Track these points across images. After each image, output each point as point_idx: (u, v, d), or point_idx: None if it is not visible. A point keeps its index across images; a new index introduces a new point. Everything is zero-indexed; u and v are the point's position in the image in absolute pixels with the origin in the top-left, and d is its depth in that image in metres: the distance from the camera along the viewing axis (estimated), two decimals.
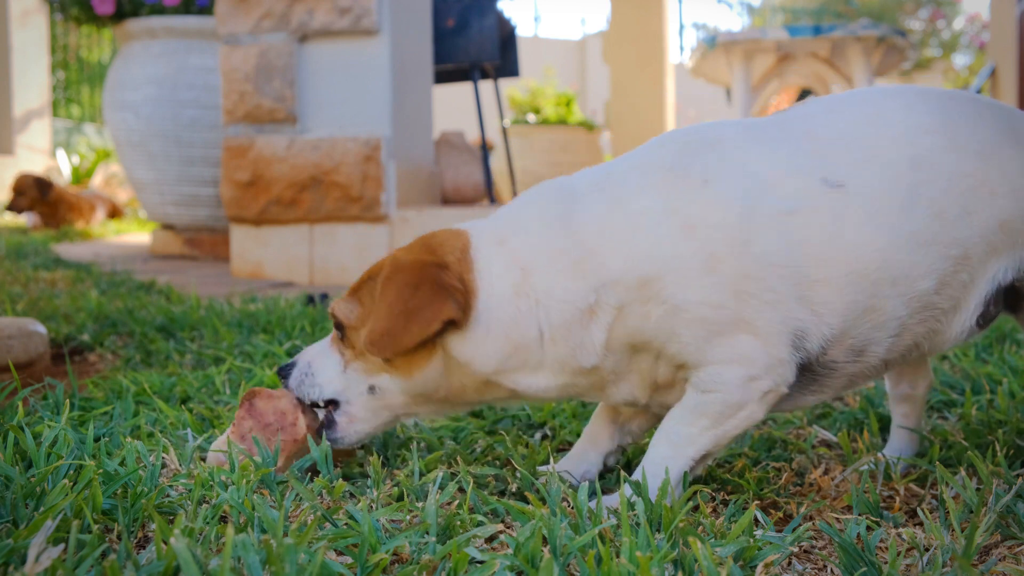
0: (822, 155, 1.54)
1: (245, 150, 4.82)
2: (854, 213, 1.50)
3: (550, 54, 18.12)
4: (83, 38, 14.35)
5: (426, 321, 1.50)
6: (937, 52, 16.13)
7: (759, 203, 1.49)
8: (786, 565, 1.34)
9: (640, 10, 11.82)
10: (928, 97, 1.61)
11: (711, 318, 1.47)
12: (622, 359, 1.54)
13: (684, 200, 1.49)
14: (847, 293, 1.49)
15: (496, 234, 1.58)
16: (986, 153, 1.56)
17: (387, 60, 4.70)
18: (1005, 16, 8.36)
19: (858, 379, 1.62)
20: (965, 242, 1.53)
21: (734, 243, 1.46)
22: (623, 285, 1.48)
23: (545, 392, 1.59)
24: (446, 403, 1.65)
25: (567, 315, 1.51)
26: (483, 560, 1.23)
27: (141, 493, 1.45)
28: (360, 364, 1.63)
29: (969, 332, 1.62)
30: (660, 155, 1.57)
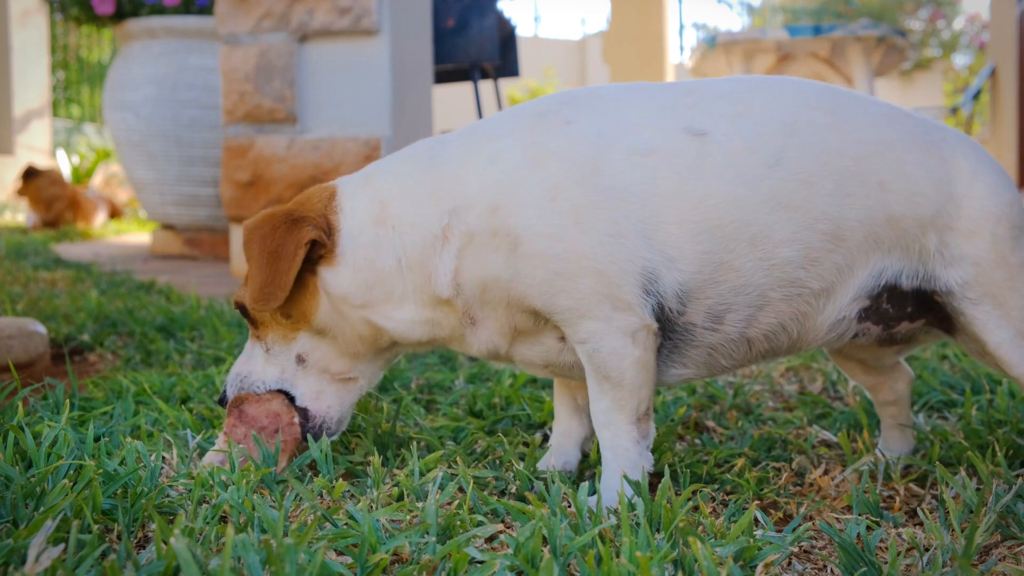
0: (695, 108, 1.56)
1: (245, 150, 4.83)
2: (713, 161, 1.51)
3: (550, 54, 18.12)
4: (83, 38, 14.35)
5: (290, 253, 1.56)
6: (937, 52, 16.13)
7: (615, 141, 1.52)
8: (786, 565, 1.34)
9: (640, 10, 11.82)
10: (828, 88, 1.63)
11: (550, 252, 1.48)
12: (473, 296, 1.57)
13: (543, 137, 1.54)
14: (701, 241, 1.50)
15: (364, 176, 1.66)
16: (881, 147, 1.55)
17: (387, 60, 4.70)
18: (1005, 16, 8.36)
19: (720, 355, 1.60)
20: (838, 220, 1.53)
21: (580, 174, 1.49)
22: (474, 212, 1.53)
23: (412, 330, 1.63)
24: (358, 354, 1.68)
25: (419, 239, 1.56)
26: (483, 560, 1.23)
27: (141, 493, 1.45)
28: (275, 337, 1.67)
29: (852, 325, 1.60)
30: (538, 104, 1.63)
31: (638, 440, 1.55)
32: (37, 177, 8.34)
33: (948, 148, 1.60)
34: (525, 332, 1.60)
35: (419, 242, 1.57)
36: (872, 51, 7.21)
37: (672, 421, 2.05)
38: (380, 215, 1.59)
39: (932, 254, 1.57)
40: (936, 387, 2.32)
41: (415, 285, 1.59)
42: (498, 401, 2.19)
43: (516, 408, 2.15)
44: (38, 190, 8.34)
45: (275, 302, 1.57)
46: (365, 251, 1.59)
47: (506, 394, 2.21)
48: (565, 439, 1.81)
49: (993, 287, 1.56)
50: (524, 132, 1.56)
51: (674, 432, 1.95)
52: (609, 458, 1.55)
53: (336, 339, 1.66)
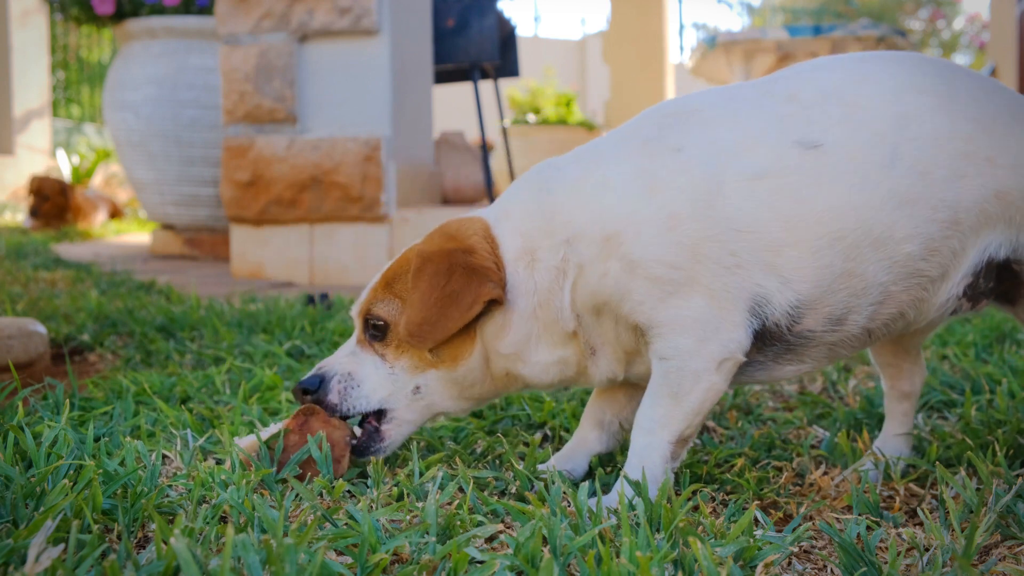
0: (801, 117, 1.53)
1: (245, 150, 4.82)
2: (830, 172, 1.48)
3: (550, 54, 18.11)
4: (83, 38, 14.35)
5: (466, 305, 1.53)
6: (937, 52, 16.13)
7: (727, 167, 1.50)
8: (786, 565, 1.34)
9: (640, 10, 11.82)
10: (927, 62, 1.60)
11: (665, 277, 1.48)
12: (590, 323, 1.56)
13: (654, 165, 1.52)
14: (821, 257, 1.48)
15: (502, 211, 1.63)
16: (985, 122, 1.53)
17: (387, 60, 4.70)
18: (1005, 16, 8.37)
19: (840, 349, 1.60)
20: (955, 205, 1.50)
21: (696, 205, 1.47)
22: (586, 240, 1.52)
23: (546, 372, 1.61)
24: (475, 396, 1.67)
25: (546, 276, 1.55)
26: (483, 560, 1.23)
27: (141, 493, 1.45)
28: (406, 363, 1.63)
29: (954, 303, 1.58)
30: (639, 128, 1.60)
31: (668, 460, 1.54)
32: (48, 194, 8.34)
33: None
34: (632, 352, 1.59)
35: (547, 279, 1.55)
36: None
37: None
38: (523, 256, 1.57)
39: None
40: (936, 387, 2.32)
41: (544, 324, 1.57)
42: (498, 401, 2.19)
43: (516, 408, 2.15)
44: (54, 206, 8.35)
45: (429, 344, 1.56)
46: (520, 296, 1.57)
47: (506, 394, 2.21)
48: (578, 447, 1.79)
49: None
50: (631, 160, 1.54)
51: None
52: (634, 464, 1.54)
53: (468, 384, 1.63)
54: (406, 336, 1.56)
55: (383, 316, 1.63)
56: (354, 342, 1.68)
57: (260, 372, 2.36)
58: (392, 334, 1.63)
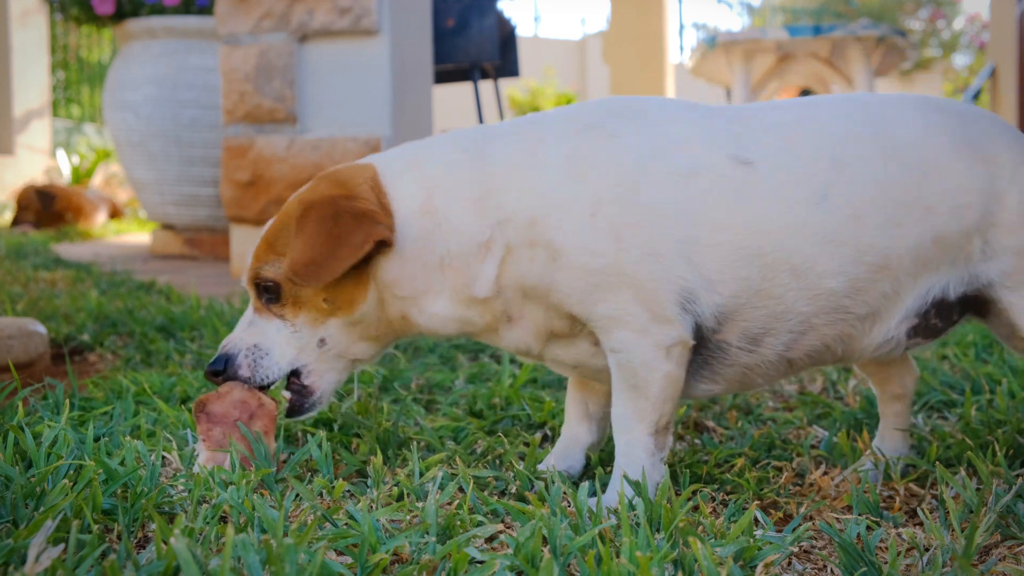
0: (743, 137, 1.55)
1: (245, 150, 4.82)
2: (757, 191, 1.51)
3: (550, 54, 18.11)
4: (83, 38, 14.35)
5: (356, 245, 1.52)
6: (937, 52, 16.13)
7: (658, 160, 1.51)
8: (786, 565, 1.34)
9: (640, 10, 11.82)
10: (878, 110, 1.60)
11: (589, 266, 1.48)
12: (514, 300, 1.57)
13: (587, 150, 1.53)
14: (739, 267, 1.50)
15: (407, 160, 1.63)
16: (928, 170, 1.54)
17: (387, 60, 4.70)
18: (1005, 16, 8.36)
19: (755, 374, 1.60)
20: (886, 251, 1.52)
21: (622, 191, 1.49)
22: (514, 224, 1.53)
23: (444, 325, 1.62)
24: (379, 341, 1.68)
25: (464, 246, 1.56)
26: (483, 560, 1.23)
27: (141, 493, 1.45)
28: (305, 317, 1.63)
29: (900, 342, 1.60)
30: (585, 113, 1.61)
31: (653, 452, 1.54)
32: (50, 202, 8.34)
33: (988, 143, 1.58)
34: (560, 335, 1.61)
35: (463, 247, 1.56)
36: (872, 51, 7.21)
37: None
38: (427, 206, 1.58)
39: (975, 256, 1.57)
40: (936, 387, 2.32)
41: (453, 284, 1.58)
42: (498, 401, 2.19)
43: (516, 408, 2.15)
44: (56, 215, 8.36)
45: (316, 282, 1.54)
46: (413, 243, 1.58)
47: (506, 394, 2.21)
48: (571, 443, 1.81)
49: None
50: (568, 143, 1.55)
51: (674, 432, 1.95)
52: (622, 463, 1.55)
53: (367, 326, 1.64)
54: (291, 273, 1.54)
55: (272, 277, 1.63)
56: (251, 312, 1.68)
57: None
58: (288, 291, 1.63)
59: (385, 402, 2.18)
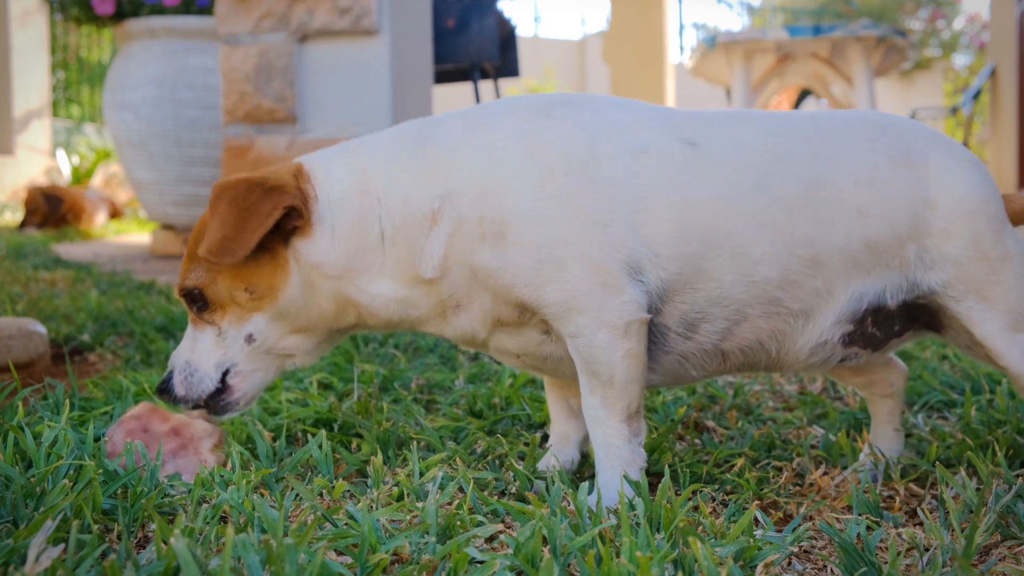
0: (687, 126, 1.59)
1: (245, 150, 4.82)
2: (704, 170, 1.54)
3: (550, 54, 18.11)
4: (83, 38, 14.34)
5: (264, 213, 1.52)
6: (937, 52, 16.13)
7: (609, 137, 1.54)
8: (786, 565, 1.34)
9: (640, 10, 11.82)
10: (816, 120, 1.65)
11: (535, 240, 1.49)
12: (461, 282, 1.57)
13: (539, 129, 1.55)
14: (685, 243, 1.51)
15: (343, 149, 1.65)
16: (860, 177, 1.58)
17: (387, 60, 4.70)
18: (1005, 16, 8.36)
19: (690, 364, 1.61)
20: (817, 245, 1.55)
21: (574, 163, 1.51)
22: (465, 197, 1.53)
23: (386, 307, 1.60)
24: (312, 333, 1.66)
25: (408, 216, 1.56)
26: (483, 560, 1.23)
27: (141, 493, 1.45)
28: (231, 317, 1.63)
29: (836, 350, 1.61)
30: (531, 100, 1.63)
31: (630, 438, 1.54)
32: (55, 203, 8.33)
33: (919, 152, 1.62)
34: (508, 324, 1.60)
35: (407, 219, 1.56)
36: (872, 51, 7.21)
37: (672, 421, 2.05)
38: (364, 185, 1.58)
39: (912, 263, 1.59)
40: (936, 387, 2.32)
41: (397, 261, 1.58)
42: (498, 401, 2.19)
43: (516, 408, 2.15)
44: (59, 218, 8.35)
45: (232, 257, 1.53)
46: (348, 219, 1.58)
47: (506, 394, 2.21)
48: (563, 441, 1.82)
49: (975, 283, 1.58)
50: (518, 124, 1.57)
51: (674, 432, 1.95)
52: (602, 457, 1.55)
53: (295, 316, 1.63)
54: (207, 253, 1.53)
55: (195, 283, 1.63)
56: (190, 326, 1.68)
57: None
58: (211, 294, 1.63)
59: (385, 402, 2.18)
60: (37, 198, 8.34)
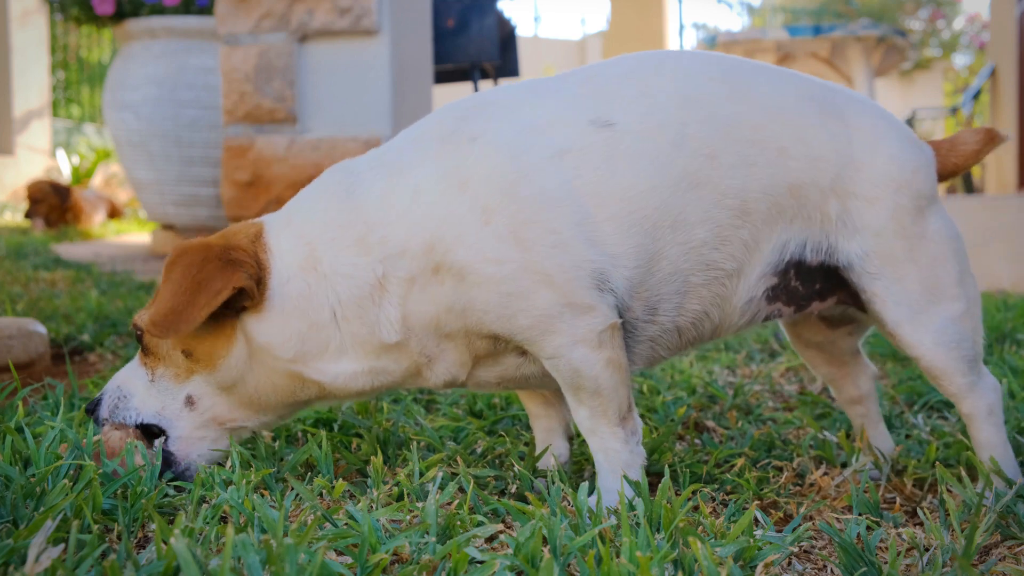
0: (595, 97, 1.53)
1: (245, 150, 4.82)
2: (625, 151, 1.49)
3: (550, 54, 18.11)
4: (83, 38, 14.34)
5: (214, 291, 1.47)
6: (937, 52, 16.13)
7: (526, 149, 1.48)
8: (786, 565, 1.34)
9: (640, 10, 11.82)
10: (723, 59, 1.61)
11: (497, 275, 1.45)
12: (428, 335, 1.52)
13: (455, 161, 1.49)
14: (633, 235, 1.48)
15: (284, 217, 1.59)
16: (778, 113, 1.54)
17: (387, 60, 4.70)
18: (1005, 16, 8.36)
19: (659, 346, 1.59)
20: (742, 193, 1.52)
21: (504, 190, 1.45)
22: (409, 255, 1.48)
23: (353, 381, 1.56)
24: (263, 405, 1.61)
25: (355, 291, 1.50)
26: (483, 560, 1.23)
27: (141, 493, 1.45)
28: (166, 371, 1.59)
29: (760, 306, 1.58)
30: (434, 126, 1.57)
31: (626, 439, 1.53)
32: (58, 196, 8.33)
33: (852, 112, 1.59)
34: (484, 356, 1.57)
35: (355, 293, 1.50)
36: (872, 51, 7.21)
37: (672, 421, 2.05)
38: (308, 261, 1.52)
39: (834, 222, 1.55)
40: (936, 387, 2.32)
41: (354, 336, 1.53)
42: (498, 401, 2.19)
43: (516, 408, 2.15)
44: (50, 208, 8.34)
45: (174, 334, 1.48)
46: (295, 301, 1.52)
47: (506, 394, 2.21)
48: (549, 434, 1.80)
49: (892, 259, 1.55)
50: (432, 161, 1.51)
51: (674, 432, 1.95)
52: (602, 460, 1.54)
53: (241, 389, 1.58)
54: (150, 327, 1.49)
55: (140, 324, 1.59)
56: (138, 357, 1.65)
57: None
58: (148, 342, 1.59)
59: (385, 402, 2.18)
60: (44, 188, 8.33)
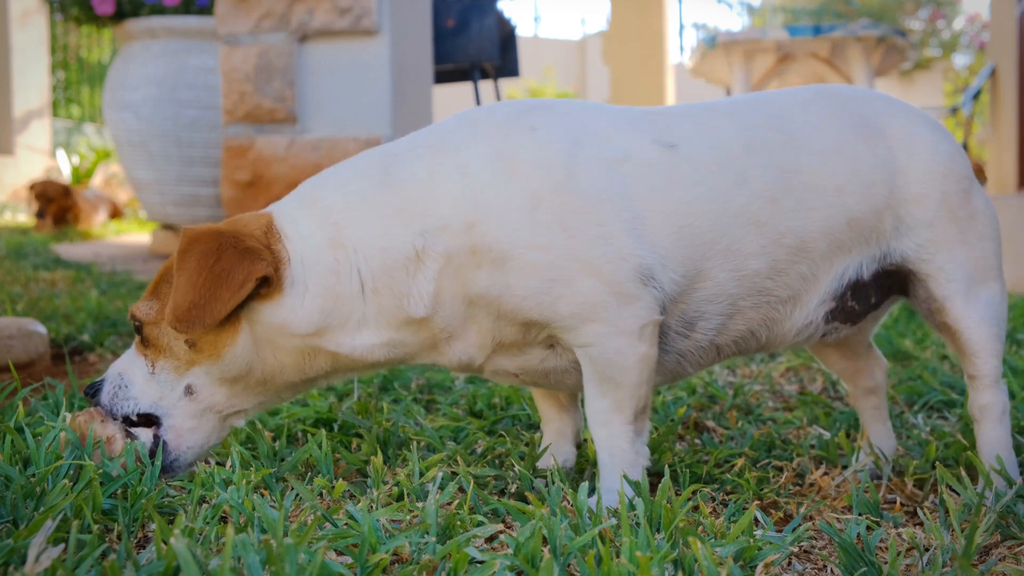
0: (658, 125, 1.57)
1: (245, 150, 4.82)
2: (686, 173, 1.52)
3: (550, 54, 18.10)
4: (83, 38, 14.34)
5: (237, 284, 1.45)
6: (937, 52, 16.12)
7: (586, 146, 1.49)
8: (786, 565, 1.34)
9: (640, 10, 11.82)
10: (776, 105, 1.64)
11: (540, 262, 1.45)
12: (455, 313, 1.52)
13: (511, 145, 1.49)
14: (682, 247, 1.50)
15: (303, 200, 1.56)
16: (831, 153, 1.58)
17: (387, 60, 4.70)
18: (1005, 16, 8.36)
19: (688, 362, 1.61)
20: (802, 233, 1.56)
21: (557, 180, 1.46)
22: (450, 231, 1.47)
23: (371, 353, 1.55)
24: (266, 388, 1.60)
25: (389, 262, 1.49)
26: (483, 560, 1.23)
27: (141, 493, 1.45)
28: (167, 363, 1.57)
29: (819, 327, 1.63)
30: (488, 113, 1.57)
31: (634, 439, 1.54)
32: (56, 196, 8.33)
33: (885, 120, 1.63)
34: (509, 345, 1.56)
35: (389, 265, 1.49)
36: (872, 51, 7.21)
37: (672, 421, 2.05)
38: (336, 238, 1.51)
39: (888, 233, 1.61)
40: (936, 387, 2.32)
41: (380, 308, 1.51)
42: (498, 401, 2.19)
43: (516, 408, 2.15)
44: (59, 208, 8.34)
45: (199, 328, 1.47)
46: (323, 278, 1.50)
47: (506, 394, 2.21)
48: (559, 438, 1.81)
49: (946, 243, 1.60)
50: (487, 141, 1.50)
51: (674, 432, 1.95)
52: (606, 458, 1.54)
53: (244, 376, 1.56)
54: (172, 322, 1.46)
55: (140, 316, 1.57)
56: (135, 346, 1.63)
57: None
58: (148, 333, 1.57)
59: (385, 402, 2.18)
60: (57, 187, 8.32)
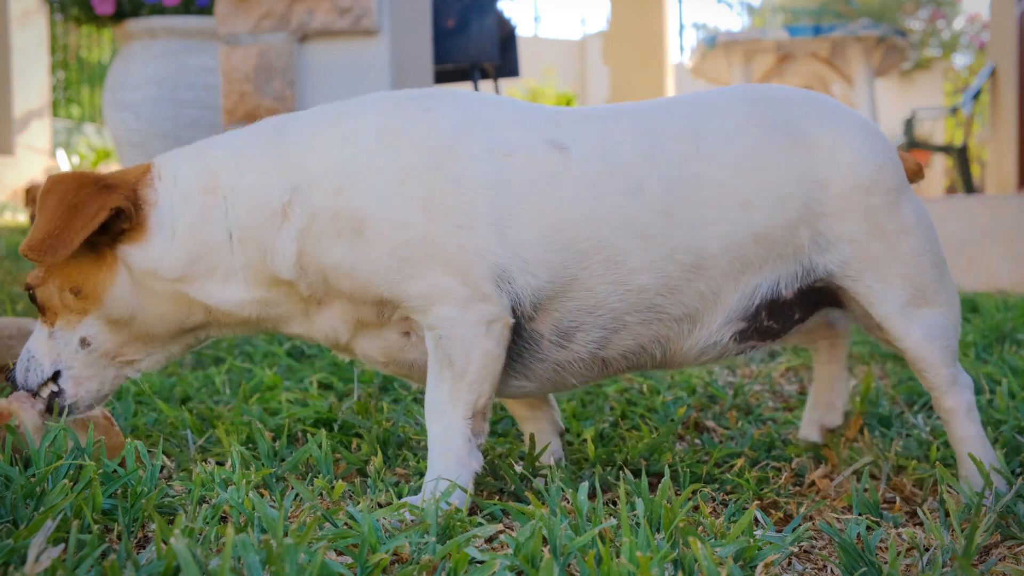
0: (557, 125, 1.53)
1: None
2: (573, 176, 1.48)
3: (550, 54, 18.10)
4: (83, 38, 14.33)
5: (90, 214, 1.47)
6: (937, 52, 16.13)
7: (472, 135, 1.48)
8: (786, 565, 1.34)
9: (640, 10, 11.82)
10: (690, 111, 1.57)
11: (395, 239, 1.44)
12: (318, 282, 1.51)
13: (400, 121, 1.50)
14: (554, 251, 1.46)
15: (193, 150, 1.59)
16: (740, 165, 1.50)
17: (387, 60, 4.70)
18: (1005, 16, 8.36)
19: (568, 373, 1.56)
20: (698, 250, 1.49)
21: (432, 161, 1.45)
22: (318, 191, 1.47)
23: (240, 308, 1.55)
24: (152, 338, 1.60)
25: (255, 213, 1.50)
26: (483, 560, 1.23)
27: (141, 493, 1.45)
28: (61, 321, 1.59)
29: (726, 348, 1.56)
30: (396, 94, 1.58)
31: (470, 438, 1.49)
32: None
33: (810, 125, 1.54)
34: (368, 325, 1.55)
35: (255, 216, 1.50)
36: (872, 51, 7.21)
37: (672, 421, 2.05)
38: (210, 184, 1.53)
39: (807, 248, 1.53)
40: None
41: (247, 261, 1.52)
42: (497, 401, 2.19)
43: None
44: None
45: (53, 256, 1.48)
46: (189, 220, 1.52)
47: None
48: (541, 435, 1.79)
49: (872, 260, 1.52)
50: (378, 115, 1.52)
51: (674, 432, 1.95)
52: (436, 453, 1.49)
53: (129, 319, 1.58)
54: (28, 251, 1.48)
55: (31, 282, 1.61)
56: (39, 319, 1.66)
57: (260, 372, 2.36)
58: (41, 297, 1.59)
59: (385, 402, 2.18)
60: None
